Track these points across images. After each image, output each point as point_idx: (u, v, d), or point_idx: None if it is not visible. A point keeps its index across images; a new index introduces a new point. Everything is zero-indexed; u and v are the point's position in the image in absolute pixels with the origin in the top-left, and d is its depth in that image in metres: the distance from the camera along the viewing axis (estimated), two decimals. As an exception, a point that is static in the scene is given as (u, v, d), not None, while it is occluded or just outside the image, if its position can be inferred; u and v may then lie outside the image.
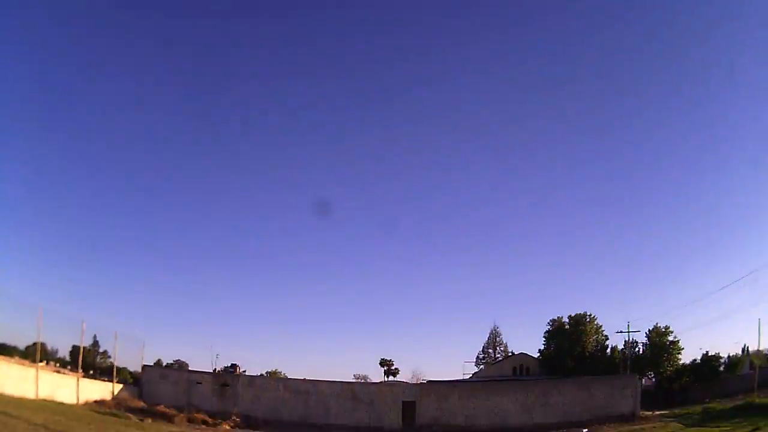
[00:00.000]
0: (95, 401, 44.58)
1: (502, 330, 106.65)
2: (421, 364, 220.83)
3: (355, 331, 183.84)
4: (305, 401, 47.46)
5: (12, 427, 22.28)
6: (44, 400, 37.18)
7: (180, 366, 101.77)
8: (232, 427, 41.21)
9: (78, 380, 44.49)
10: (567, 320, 75.18)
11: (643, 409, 46.66)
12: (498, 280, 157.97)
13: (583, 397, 45.85)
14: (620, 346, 72.29)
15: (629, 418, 42.53)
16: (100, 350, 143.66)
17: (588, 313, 75.08)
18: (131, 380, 60.36)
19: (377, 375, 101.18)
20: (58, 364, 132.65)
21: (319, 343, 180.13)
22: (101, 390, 47.94)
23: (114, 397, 48.07)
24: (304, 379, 52.76)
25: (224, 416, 43.19)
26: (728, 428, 26.65)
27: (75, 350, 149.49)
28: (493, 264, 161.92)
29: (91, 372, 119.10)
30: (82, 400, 43.13)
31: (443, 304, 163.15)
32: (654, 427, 36.15)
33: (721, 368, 71.07)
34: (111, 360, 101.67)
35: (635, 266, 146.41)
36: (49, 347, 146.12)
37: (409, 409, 45.22)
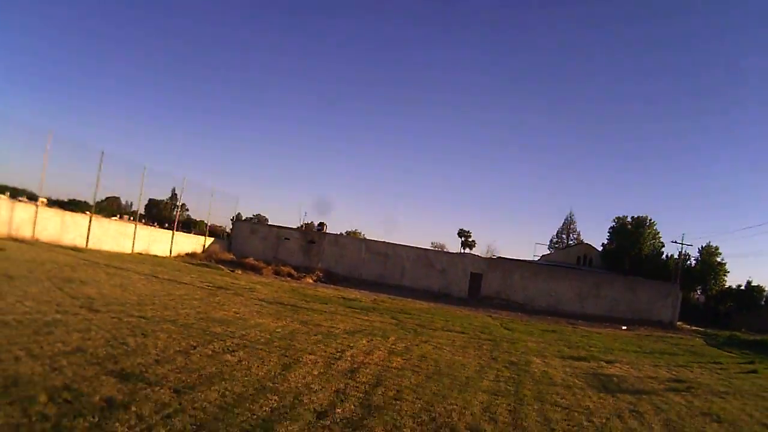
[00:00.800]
0: (187, 254, 49.62)
1: (576, 218, 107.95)
2: (497, 239, 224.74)
3: (438, 201, 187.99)
4: (383, 263, 51.17)
5: (126, 277, 24.52)
6: (140, 254, 41.90)
7: (260, 221, 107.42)
8: (314, 280, 45.24)
9: (173, 234, 49.33)
10: (630, 220, 75.84)
11: (684, 321, 47.66)
12: (577, 171, 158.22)
13: (630, 297, 47.58)
14: (674, 256, 71.61)
15: (666, 326, 44.16)
16: (178, 203, 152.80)
17: (649, 218, 75.88)
18: (224, 236, 64.02)
19: (455, 245, 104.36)
20: (131, 218, 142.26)
21: (401, 209, 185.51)
22: (193, 243, 52.71)
23: (204, 250, 52.98)
24: (384, 242, 56.23)
25: (308, 270, 47.43)
26: (734, 356, 27.36)
27: (151, 203, 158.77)
28: (574, 152, 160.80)
29: (166, 225, 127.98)
30: (174, 253, 47.96)
31: (525, 184, 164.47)
32: (681, 338, 37.03)
33: (763, 302, 70.58)
34: (188, 213, 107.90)
35: (701, 181, 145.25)
36: (123, 201, 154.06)
37: (476, 280, 48.21)
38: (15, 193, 40.84)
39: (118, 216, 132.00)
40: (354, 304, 29.24)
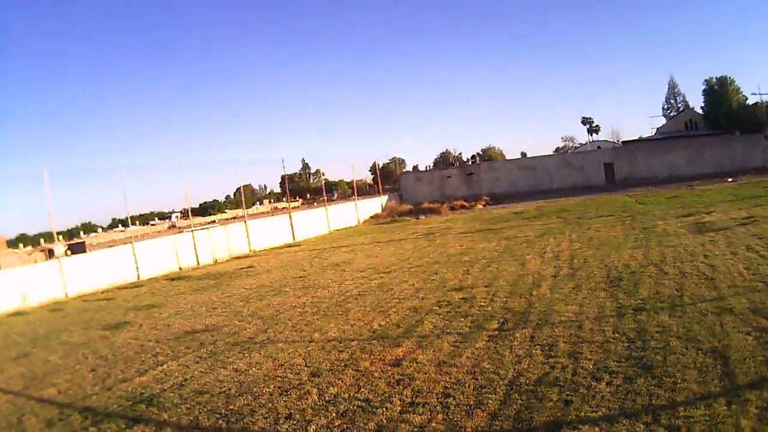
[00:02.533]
0: (370, 217, 56.07)
1: (678, 82, 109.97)
2: (616, 119, 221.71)
3: (556, 90, 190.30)
4: (533, 175, 58.79)
5: (367, 251, 32.66)
6: (336, 230, 50.15)
7: (395, 164, 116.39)
8: (483, 205, 53.30)
9: (355, 204, 55.60)
10: (715, 80, 79.46)
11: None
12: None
13: (729, 152, 53.04)
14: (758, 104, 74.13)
15: (760, 170, 49.46)
16: (311, 171, 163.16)
17: (728, 76, 79.30)
18: (397, 186, 70.86)
19: (581, 134, 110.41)
20: (273, 200, 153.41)
21: (526, 113, 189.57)
22: (372, 206, 58.33)
23: (383, 209, 59.03)
24: (529, 156, 64.87)
25: (475, 198, 55.49)
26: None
27: (283, 179, 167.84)
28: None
29: (308, 195, 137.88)
30: (361, 221, 54.68)
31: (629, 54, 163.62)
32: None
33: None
34: (326, 177, 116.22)
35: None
36: (255, 187, 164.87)
37: (609, 169, 54.93)
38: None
39: (258, 202, 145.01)
40: (525, 215, 38.30)
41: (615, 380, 8.90)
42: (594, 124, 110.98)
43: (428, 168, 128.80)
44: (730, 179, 44.46)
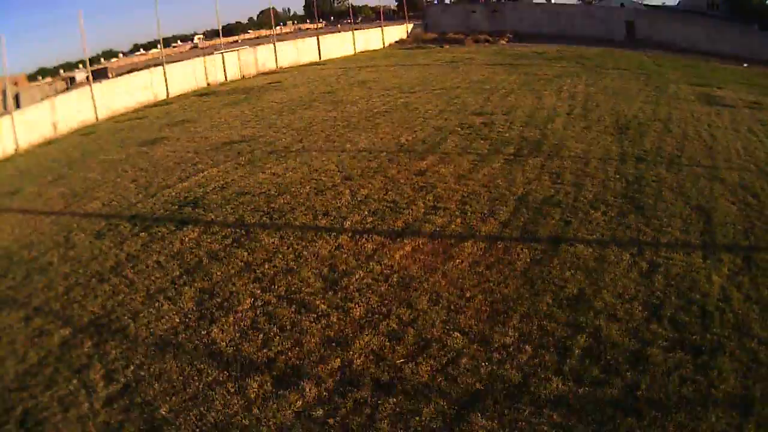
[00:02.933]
0: (395, 42, 56.04)
1: None
2: None
3: None
4: (557, 20, 57.18)
5: (372, 70, 36.23)
6: (362, 52, 50.43)
7: None
8: (507, 41, 52.68)
9: (381, 30, 55.57)
10: None
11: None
12: None
13: (747, 40, 50.07)
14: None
15: None
16: None
17: None
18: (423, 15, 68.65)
19: None
20: (296, 22, 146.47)
21: None
22: (398, 32, 58.25)
23: (409, 34, 58.93)
24: (555, 3, 62.78)
25: (497, 34, 54.66)
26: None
27: (308, 2, 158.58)
28: None
29: (332, 18, 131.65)
30: (386, 44, 54.76)
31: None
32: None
33: None
34: (351, 2, 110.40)
35: None
36: (279, 10, 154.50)
37: (630, 26, 53.81)
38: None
39: (282, 23, 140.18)
40: (545, 56, 38.59)
41: (610, 212, 10.38)
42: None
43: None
44: (745, 64, 43.37)
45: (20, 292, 9.84)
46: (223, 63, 38.82)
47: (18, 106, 51.87)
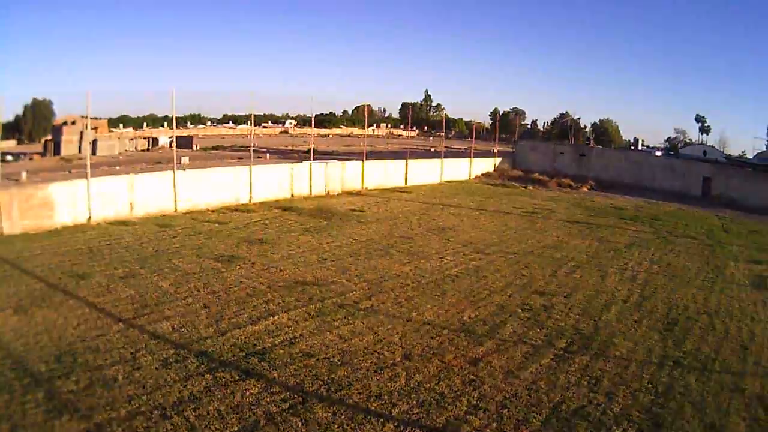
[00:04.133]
0: (482, 174, 57.63)
1: None
2: (726, 126, 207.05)
3: (670, 85, 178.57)
4: (639, 170, 57.83)
5: (454, 212, 36.61)
6: (448, 182, 51.78)
7: (515, 114, 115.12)
8: (588, 189, 53.41)
9: (470, 161, 57.00)
10: None
11: None
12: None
13: None
14: None
15: None
16: (433, 104, 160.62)
17: None
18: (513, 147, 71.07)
19: (693, 130, 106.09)
20: (390, 125, 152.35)
21: (648, 93, 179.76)
22: (484, 165, 59.63)
23: (495, 168, 60.29)
24: (638, 151, 63.74)
25: (580, 180, 55.48)
26: None
27: (404, 107, 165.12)
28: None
29: (425, 128, 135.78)
30: (472, 176, 56.09)
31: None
32: None
33: None
34: (445, 112, 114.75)
35: None
36: (374, 108, 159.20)
37: (706, 183, 53.46)
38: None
39: (376, 125, 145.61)
40: (623, 214, 39.21)
41: (630, 429, 10.99)
42: (706, 124, 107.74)
43: (546, 125, 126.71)
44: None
45: (83, 401, 10.45)
46: (310, 175, 39.31)
47: (94, 152, 54.49)
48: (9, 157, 53.75)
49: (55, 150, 64.29)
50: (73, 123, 69.49)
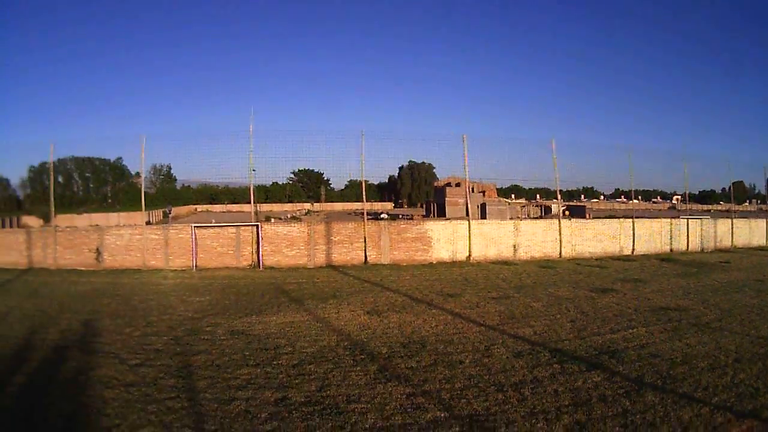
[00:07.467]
0: None
1: None
2: None
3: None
4: None
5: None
6: None
7: None
8: None
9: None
10: None
11: None
12: None
13: None
14: None
15: None
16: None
17: None
18: None
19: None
20: (759, 201, 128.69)
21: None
22: None
23: None
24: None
25: None
26: None
27: None
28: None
29: None
30: None
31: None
32: None
33: None
34: None
35: None
36: (746, 184, 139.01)
37: None
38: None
39: (748, 200, 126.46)
40: None
41: None
42: None
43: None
44: None
45: (418, 375, 10.72)
46: (687, 230, 38.43)
47: (484, 216, 52.01)
48: (384, 216, 53.31)
49: (439, 212, 61.89)
50: (458, 185, 67.40)
